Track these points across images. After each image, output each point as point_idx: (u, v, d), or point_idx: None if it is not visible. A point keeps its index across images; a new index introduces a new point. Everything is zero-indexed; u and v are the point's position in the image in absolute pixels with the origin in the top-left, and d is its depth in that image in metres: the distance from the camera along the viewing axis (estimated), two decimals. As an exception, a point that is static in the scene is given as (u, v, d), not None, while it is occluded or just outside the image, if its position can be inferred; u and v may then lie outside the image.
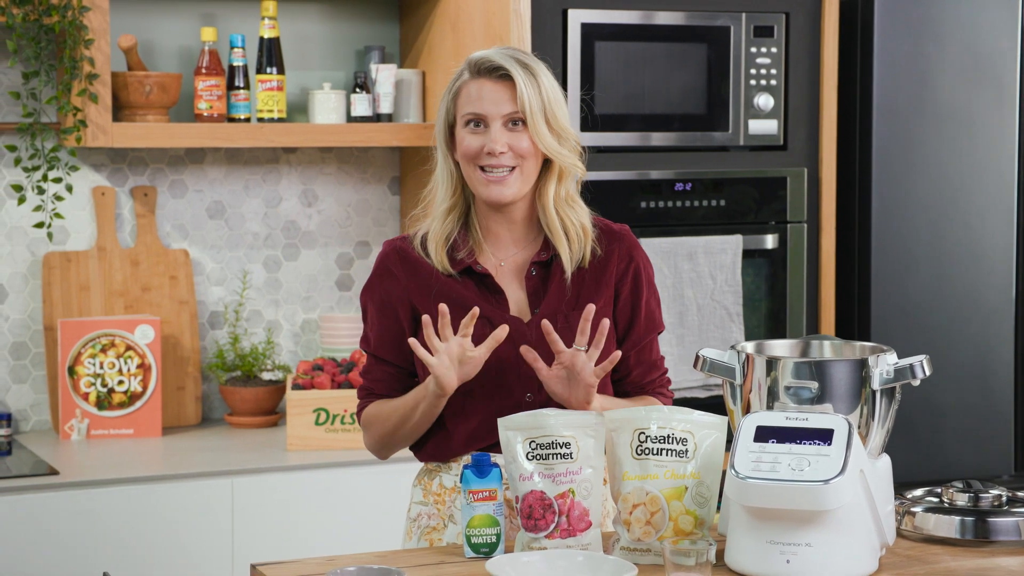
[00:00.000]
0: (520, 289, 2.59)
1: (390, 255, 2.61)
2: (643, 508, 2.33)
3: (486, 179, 2.52)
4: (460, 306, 2.54)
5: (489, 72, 2.53)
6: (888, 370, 2.29)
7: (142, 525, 3.33)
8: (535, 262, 2.58)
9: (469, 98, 2.53)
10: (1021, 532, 2.43)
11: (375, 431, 2.62)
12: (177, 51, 3.92)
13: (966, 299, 3.97)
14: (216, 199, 4.01)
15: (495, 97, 2.51)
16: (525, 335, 2.54)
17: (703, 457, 2.34)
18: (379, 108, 3.93)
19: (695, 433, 2.35)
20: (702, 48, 3.78)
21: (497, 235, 2.60)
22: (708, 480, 2.34)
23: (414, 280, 2.57)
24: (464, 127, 2.54)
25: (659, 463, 2.34)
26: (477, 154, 2.52)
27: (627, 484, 2.35)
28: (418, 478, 2.65)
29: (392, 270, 2.60)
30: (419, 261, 2.58)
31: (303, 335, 4.10)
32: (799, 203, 3.88)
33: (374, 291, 2.61)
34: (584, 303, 2.55)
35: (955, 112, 3.94)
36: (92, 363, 3.74)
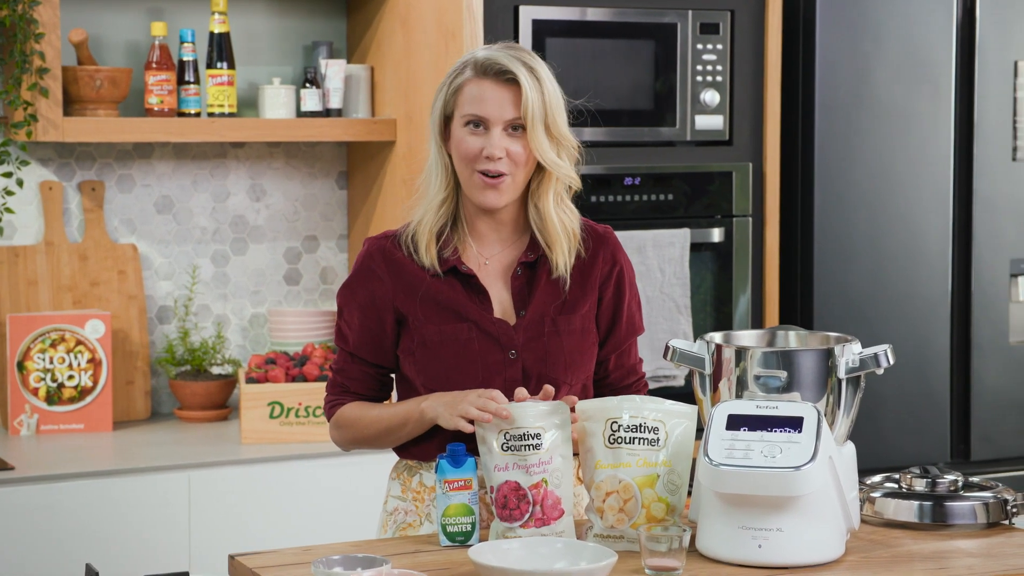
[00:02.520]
0: (505, 289, 2.58)
1: (374, 256, 2.58)
2: (616, 496, 2.38)
3: (483, 183, 2.51)
4: (446, 308, 2.54)
5: (496, 74, 2.50)
6: (853, 359, 2.36)
7: (100, 519, 3.33)
8: (522, 262, 2.57)
9: (472, 98, 2.50)
10: (977, 516, 2.51)
11: (350, 433, 2.60)
12: (127, 46, 3.91)
13: (904, 291, 4.07)
14: (164, 194, 4.00)
15: (499, 101, 2.49)
16: (512, 339, 2.54)
17: (674, 445, 2.40)
18: (328, 103, 3.95)
19: (666, 422, 2.40)
20: (650, 44, 3.83)
21: (483, 234, 2.58)
22: (679, 468, 2.40)
23: (399, 282, 2.55)
24: (464, 127, 2.51)
25: (631, 452, 2.39)
26: (476, 156, 2.50)
27: (600, 472, 2.40)
28: (397, 472, 2.64)
29: (376, 271, 2.56)
30: (403, 262, 2.56)
31: (252, 329, 4.11)
32: (744, 197, 3.95)
33: (356, 291, 2.58)
34: (570, 306, 2.56)
35: (893, 108, 4.03)
36: (42, 358, 3.72)
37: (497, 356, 2.53)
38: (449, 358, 2.53)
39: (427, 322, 2.53)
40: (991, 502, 2.52)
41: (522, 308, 2.56)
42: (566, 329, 2.56)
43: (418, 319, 2.54)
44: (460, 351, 2.53)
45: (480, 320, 2.54)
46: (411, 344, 2.55)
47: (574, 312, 2.57)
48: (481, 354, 2.52)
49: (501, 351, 2.53)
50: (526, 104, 2.49)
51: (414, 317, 2.54)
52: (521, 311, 2.56)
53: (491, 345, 2.53)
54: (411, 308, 2.54)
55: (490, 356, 2.53)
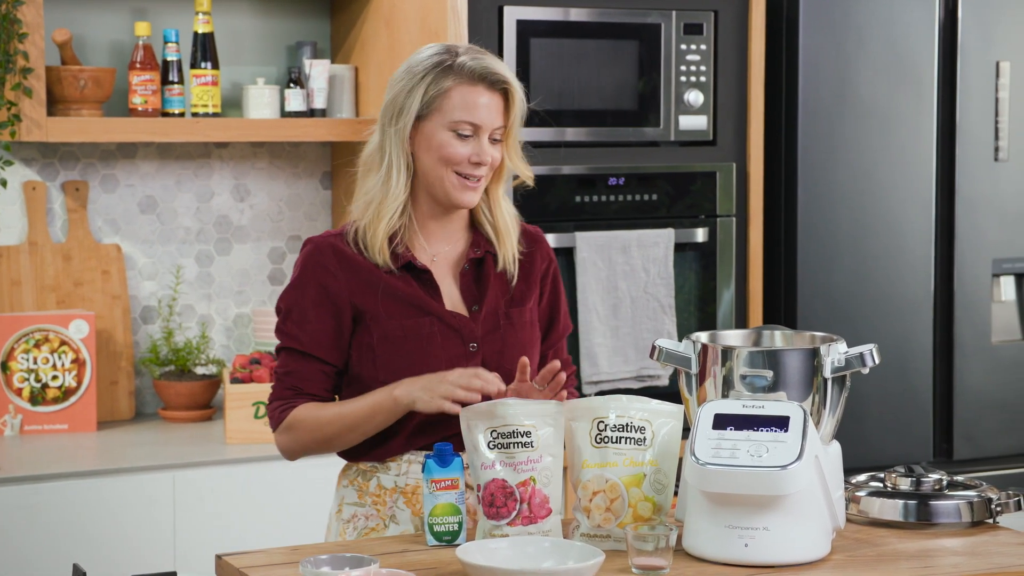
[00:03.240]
0: (454, 285, 2.60)
1: (324, 252, 2.54)
2: (603, 495, 2.39)
3: (462, 184, 2.52)
4: (403, 302, 2.53)
5: (491, 83, 2.51)
6: (839, 359, 2.37)
7: (84, 520, 3.32)
8: (471, 258, 2.60)
9: (466, 104, 2.50)
10: (962, 514, 2.52)
11: (306, 435, 2.54)
12: (111, 46, 3.91)
13: (887, 291, 4.08)
14: (148, 194, 4.00)
15: (491, 109, 2.51)
16: (473, 332, 2.56)
17: (660, 445, 2.40)
18: (313, 103, 3.95)
19: (652, 421, 2.41)
20: (634, 45, 3.84)
21: (432, 231, 2.59)
22: (665, 467, 2.40)
23: (355, 278, 2.53)
24: (449, 130, 2.51)
25: (618, 451, 2.40)
26: (461, 161, 2.51)
27: (587, 472, 2.41)
28: (349, 478, 2.60)
29: (329, 268, 2.53)
30: (355, 258, 2.54)
31: (236, 329, 4.11)
32: (728, 197, 3.97)
33: (307, 290, 2.54)
34: (518, 299, 2.60)
35: (876, 108, 4.04)
36: (25, 358, 3.72)
37: (458, 349, 2.54)
38: (412, 352, 2.53)
39: (388, 317, 2.52)
40: (975, 501, 2.53)
41: (474, 303, 2.58)
42: (519, 321, 2.59)
43: (378, 314, 2.53)
44: (423, 345, 2.53)
45: (441, 314, 2.55)
46: (369, 339, 2.53)
47: (523, 305, 2.61)
48: (443, 347, 2.53)
49: (463, 344, 2.55)
50: (514, 115, 2.53)
51: (373, 312, 2.53)
52: (474, 305, 2.58)
53: (453, 338, 2.54)
54: (369, 304, 2.53)
55: (452, 349, 2.54)
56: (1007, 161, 4.17)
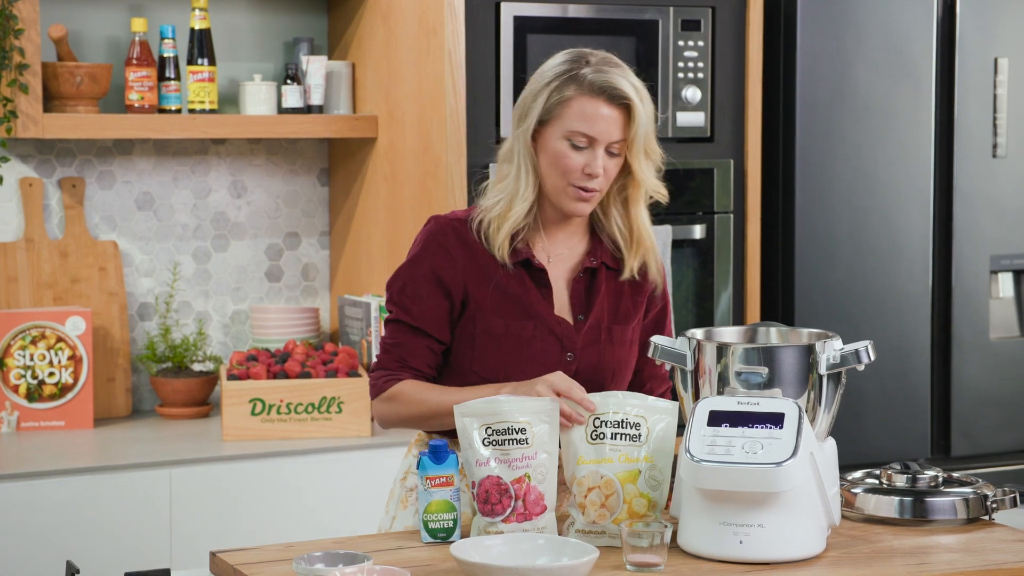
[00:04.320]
0: (565, 290, 2.62)
1: (447, 232, 2.58)
2: (598, 491, 2.39)
3: (576, 195, 2.53)
4: (512, 301, 2.56)
5: (611, 97, 2.51)
6: (834, 355, 2.37)
7: (80, 517, 3.32)
8: (587, 267, 2.61)
9: (584, 115, 2.50)
10: (957, 511, 2.52)
11: (406, 409, 2.56)
12: (107, 42, 3.90)
13: (885, 287, 4.08)
14: (145, 190, 3.99)
15: (609, 123, 2.51)
16: (574, 341, 2.58)
17: (656, 441, 2.40)
18: (310, 100, 3.94)
19: (648, 418, 2.41)
20: (631, 41, 3.84)
21: (553, 233, 2.61)
22: (660, 464, 2.40)
23: (473, 265, 2.56)
24: (565, 139, 2.52)
25: (613, 447, 2.40)
26: (576, 171, 2.52)
27: (582, 468, 2.41)
28: (419, 448, 2.66)
29: (450, 250, 2.57)
30: (476, 245, 2.57)
31: (233, 326, 4.10)
32: (725, 194, 3.96)
33: (423, 264, 2.57)
34: (623, 317, 2.62)
35: (874, 105, 4.04)
36: (22, 355, 3.71)
37: (556, 356, 2.57)
38: (509, 352, 2.56)
39: (494, 313, 2.55)
40: (971, 498, 2.53)
41: (580, 312, 2.60)
42: (619, 339, 2.61)
43: (485, 307, 2.56)
44: (522, 347, 2.56)
45: (547, 318, 2.57)
46: (472, 330, 2.57)
47: (627, 323, 2.63)
48: (541, 352, 2.55)
49: (561, 351, 2.57)
50: (636, 130, 2.53)
51: (481, 303, 2.56)
52: (580, 315, 2.60)
53: (552, 344, 2.56)
54: (480, 294, 2.56)
55: (549, 355, 2.56)
56: (1005, 157, 4.16)
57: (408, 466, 2.67)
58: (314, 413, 3.64)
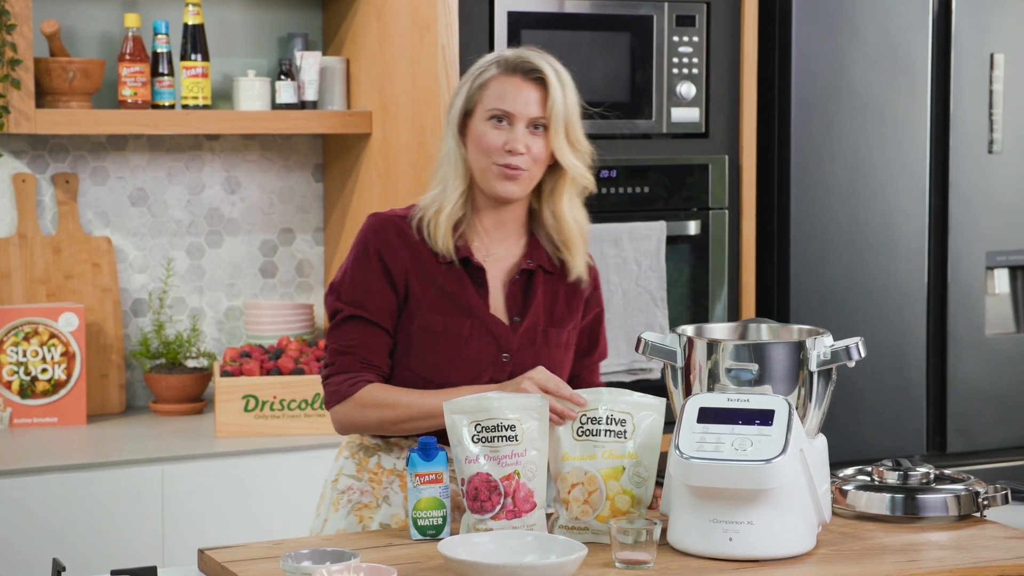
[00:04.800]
0: (501, 290, 2.61)
1: (389, 228, 2.58)
2: (581, 488, 2.38)
3: (501, 173, 2.54)
4: (451, 299, 2.55)
5: (525, 72, 2.55)
6: (825, 352, 2.36)
7: (73, 513, 3.31)
8: (523, 269, 2.61)
9: (499, 93, 2.54)
10: (949, 508, 2.51)
11: (374, 414, 2.52)
12: (100, 37, 3.89)
13: (880, 284, 4.07)
14: (139, 186, 3.99)
15: (525, 98, 2.54)
16: (509, 342, 2.57)
17: (641, 438, 2.40)
18: (304, 95, 3.93)
19: (634, 415, 2.40)
20: (625, 37, 3.82)
21: (487, 229, 2.62)
22: (646, 460, 2.39)
23: (414, 262, 2.56)
24: (486, 120, 2.55)
25: (598, 444, 2.39)
26: (497, 149, 2.53)
27: (567, 464, 2.40)
28: (351, 450, 2.64)
29: (392, 243, 2.57)
30: (417, 243, 2.57)
31: (227, 322, 4.09)
32: (720, 190, 3.95)
33: (371, 260, 2.56)
34: (559, 320, 2.62)
35: (870, 101, 4.03)
36: (15, 351, 3.70)
37: (492, 356, 2.56)
38: (446, 350, 2.55)
39: (433, 310, 2.55)
40: (963, 495, 2.52)
41: (516, 313, 2.60)
42: (555, 342, 2.60)
43: (424, 304, 2.55)
44: (459, 345, 2.55)
45: (484, 318, 2.56)
46: (409, 325, 2.56)
47: (563, 327, 2.63)
48: (477, 351, 2.55)
49: (497, 351, 2.57)
50: (552, 104, 2.54)
51: (420, 300, 2.55)
52: (516, 316, 2.59)
53: (489, 343, 2.56)
54: (420, 290, 2.56)
55: (485, 354, 2.56)
56: (1001, 153, 4.15)
57: (340, 468, 2.64)
58: (307, 409, 3.64)
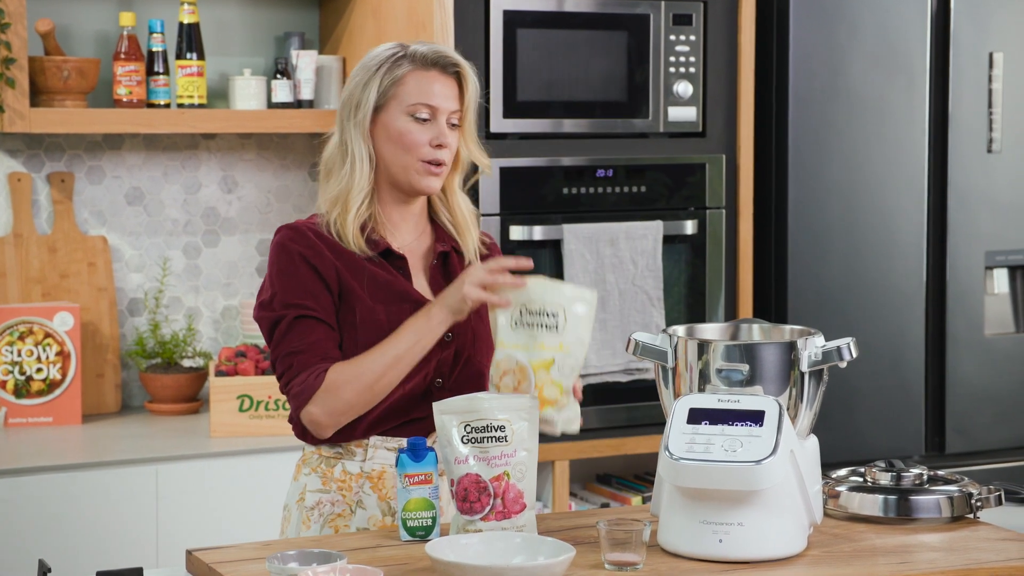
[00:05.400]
0: (423, 276, 2.63)
1: (305, 234, 2.54)
2: (511, 376, 2.41)
3: (426, 170, 2.55)
4: (385, 288, 2.55)
5: (444, 67, 2.55)
6: (816, 352, 2.34)
7: (67, 513, 3.31)
8: (440, 252, 2.63)
9: (420, 88, 2.53)
10: (942, 510, 2.50)
11: (348, 390, 2.46)
12: (95, 36, 3.88)
13: (878, 283, 4.05)
14: (135, 185, 3.98)
15: (446, 92, 2.55)
16: None
17: (572, 330, 2.40)
18: (300, 94, 3.92)
19: (566, 308, 2.41)
20: (622, 35, 3.81)
21: (396, 222, 2.62)
22: (575, 352, 2.40)
23: (340, 259, 2.54)
24: (406, 116, 2.53)
25: (531, 335, 2.41)
26: (422, 145, 2.53)
27: (500, 351, 2.43)
28: (310, 467, 2.59)
29: (314, 247, 2.52)
30: (335, 243, 2.55)
31: (223, 322, 4.08)
32: (717, 189, 3.93)
33: (298, 266, 2.51)
34: None
35: (868, 100, 4.01)
36: (9, 351, 3.70)
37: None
38: None
39: (373, 300, 2.53)
40: (956, 496, 2.50)
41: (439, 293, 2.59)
42: (484, 313, 2.58)
43: (361, 295, 2.53)
44: None
45: (420, 301, 2.56)
46: (352, 318, 2.53)
47: None
48: None
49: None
50: (468, 98, 2.57)
51: (358, 293, 2.53)
52: None
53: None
54: (353, 283, 2.54)
55: None
56: (1000, 153, 4.13)
57: (303, 486, 2.59)
58: (302, 409, 3.62)
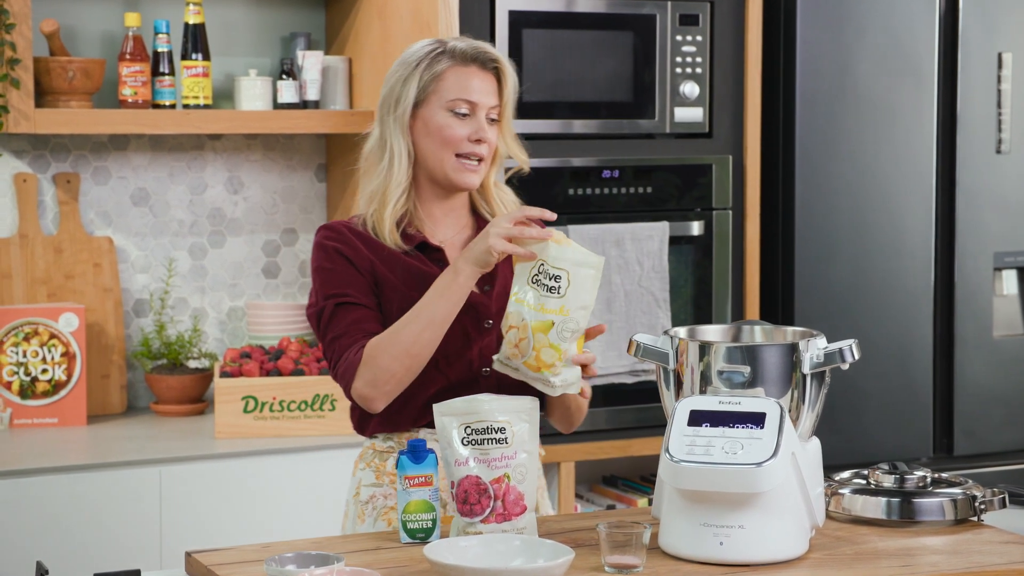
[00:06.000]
0: None
1: (341, 231, 2.59)
2: (516, 331, 2.41)
3: (463, 166, 2.57)
4: (421, 278, 2.55)
5: (483, 63, 2.57)
6: (818, 354, 2.33)
7: (70, 515, 3.30)
8: None
9: (460, 84, 2.56)
10: (945, 512, 2.48)
11: (384, 357, 2.46)
12: (100, 36, 3.88)
13: (887, 285, 4.03)
14: (140, 186, 3.97)
15: (485, 88, 2.57)
16: (488, 309, 2.59)
17: (573, 295, 2.39)
18: (305, 95, 3.92)
19: (570, 271, 2.40)
20: (628, 36, 3.80)
21: (437, 218, 2.64)
22: (576, 316, 2.39)
23: (376, 253, 2.57)
24: (448, 111, 2.56)
25: (539, 295, 2.41)
26: (461, 140, 2.55)
27: (512, 303, 2.43)
28: (365, 461, 2.64)
29: (350, 243, 2.57)
30: (372, 239, 2.59)
31: (229, 323, 4.08)
32: (724, 190, 3.92)
33: (335, 260, 2.55)
34: None
35: (875, 101, 3.99)
36: (15, 352, 3.69)
37: (475, 324, 2.57)
38: None
39: (410, 290, 2.55)
40: (959, 498, 2.49)
41: (486, 283, 2.61)
42: None
43: (397, 285, 2.56)
44: None
45: None
46: (390, 308, 2.56)
47: None
48: (460, 322, 2.53)
49: (478, 320, 2.58)
50: (507, 93, 2.59)
51: (393, 284, 2.56)
52: (486, 285, 2.61)
53: (469, 313, 2.56)
54: (390, 276, 2.57)
55: (468, 325, 2.57)
56: (1009, 153, 4.11)
57: (359, 481, 2.64)
58: (307, 411, 3.62)
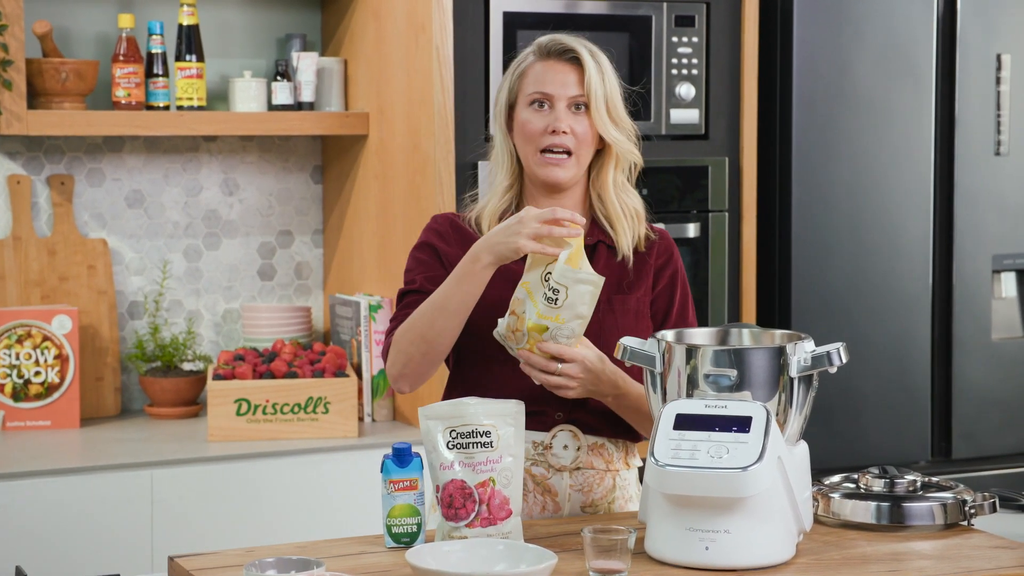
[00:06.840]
0: None
1: (443, 222, 2.66)
2: (515, 319, 2.46)
3: (545, 160, 2.57)
4: (507, 275, 2.54)
5: (559, 54, 2.58)
6: (805, 358, 2.31)
7: (61, 518, 3.29)
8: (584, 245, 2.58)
9: (536, 78, 2.58)
10: (935, 517, 2.46)
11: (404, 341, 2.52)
12: (94, 38, 3.87)
13: (884, 287, 4.01)
14: (135, 188, 3.96)
15: (562, 79, 2.57)
16: None
17: (568, 307, 2.42)
18: (300, 96, 3.91)
19: (569, 288, 2.42)
20: (624, 37, 3.78)
21: None
22: (572, 325, 2.43)
23: (463, 248, 2.57)
24: (527, 107, 2.58)
25: (543, 295, 2.43)
26: (540, 133, 2.56)
27: (520, 290, 2.46)
28: None
29: (444, 234, 2.63)
30: (470, 233, 2.62)
31: (224, 325, 4.07)
32: (720, 192, 3.90)
33: (424, 248, 2.64)
34: (626, 287, 2.62)
35: (873, 102, 3.97)
36: (7, 354, 3.69)
37: None
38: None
39: (488, 286, 2.52)
40: (949, 503, 2.47)
41: None
42: (621, 308, 2.61)
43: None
44: None
45: None
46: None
47: (630, 293, 2.63)
48: None
49: None
50: (589, 81, 2.56)
51: None
52: None
53: None
54: None
55: None
56: (1008, 155, 4.09)
57: None
58: (300, 413, 3.61)
